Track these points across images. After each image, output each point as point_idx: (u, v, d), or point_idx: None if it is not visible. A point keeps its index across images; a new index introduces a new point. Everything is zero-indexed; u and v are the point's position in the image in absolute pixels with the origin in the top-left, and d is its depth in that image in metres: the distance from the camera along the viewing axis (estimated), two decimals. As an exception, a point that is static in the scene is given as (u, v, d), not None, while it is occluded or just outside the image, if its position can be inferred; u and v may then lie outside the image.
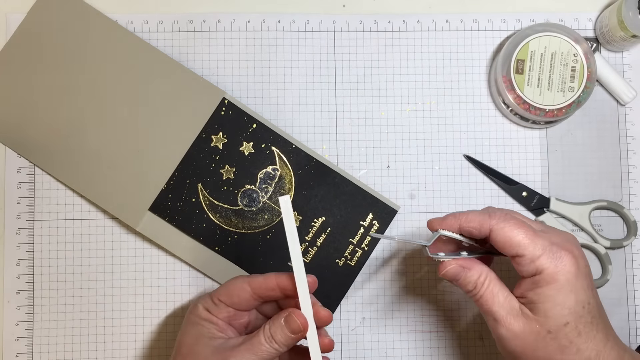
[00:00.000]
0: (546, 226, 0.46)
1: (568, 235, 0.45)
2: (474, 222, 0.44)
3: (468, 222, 0.44)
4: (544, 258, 0.42)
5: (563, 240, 0.43)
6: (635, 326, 0.59)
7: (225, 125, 0.57)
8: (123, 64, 0.58)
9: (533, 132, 0.60)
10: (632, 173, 0.60)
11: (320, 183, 0.57)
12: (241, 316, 0.48)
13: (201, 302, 0.47)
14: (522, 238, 0.42)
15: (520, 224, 0.43)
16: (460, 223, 0.45)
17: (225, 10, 0.60)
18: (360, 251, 0.57)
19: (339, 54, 0.60)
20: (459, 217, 0.45)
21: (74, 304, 0.57)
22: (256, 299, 0.46)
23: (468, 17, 0.61)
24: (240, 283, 0.46)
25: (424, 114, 0.60)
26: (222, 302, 0.46)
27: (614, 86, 0.59)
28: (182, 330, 0.47)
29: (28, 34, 0.58)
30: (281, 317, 0.44)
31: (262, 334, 0.44)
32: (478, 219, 0.44)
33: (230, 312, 0.47)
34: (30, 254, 0.57)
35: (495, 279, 0.45)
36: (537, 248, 0.42)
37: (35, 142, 0.57)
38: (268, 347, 0.43)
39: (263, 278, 0.46)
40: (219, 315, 0.46)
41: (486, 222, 0.44)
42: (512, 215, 0.44)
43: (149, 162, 0.57)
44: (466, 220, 0.45)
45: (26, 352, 0.56)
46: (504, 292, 0.44)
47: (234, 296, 0.46)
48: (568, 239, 0.44)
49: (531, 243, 0.42)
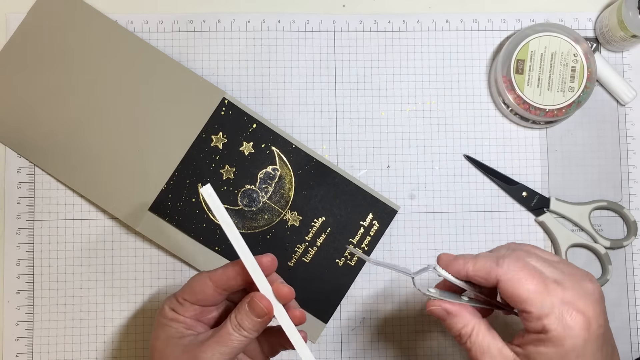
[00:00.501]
0: (565, 269, 0.41)
1: (587, 286, 0.40)
2: (482, 271, 0.40)
3: (476, 271, 0.41)
4: (551, 318, 0.38)
5: (578, 296, 0.39)
6: (635, 326, 0.59)
7: (225, 125, 0.57)
8: (123, 64, 0.58)
9: (533, 132, 0.60)
10: (632, 173, 0.60)
11: (320, 183, 0.57)
12: (209, 311, 0.46)
13: (167, 303, 0.46)
14: (530, 293, 0.38)
15: (531, 275, 0.39)
16: (467, 271, 0.41)
17: (225, 10, 0.60)
18: (360, 251, 0.57)
19: (339, 54, 0.60)
20: (468, 263, 0.41)
21: (74, 304, 0.57)
22: (220, 292, 0.45)
23: (468, 17, 0.61)
24: (202, 279, 0.45)
25: (424, 114, 0.60)
26: (187, 300, 0.45)
27: (614, 86, 0.59)
28: (153, 334, 0.46)
29: (28, 34, 0.58)
30: (245, 304, 0.43)
31: (229, 324, 0.43)
32: (486, 268, 0.40)
33: (196, 309, 0.45)
34: (30, 254, 0.57)
35: (485, 330, 0.41)
36: (545, 306, 0.38)
37: (35, 142, 0.57)
38: (237, 336, 0.42)
39: (222, 270, 0.44)
40: (186, 314, 0.45)
41: (494, 270, 0.40)
42: (524, 262, 0.40)
43: (149, 162, 0.57)
44: (474, 269, 0.41)
45: (26, 352, 0.56)
46: (496, 344, 0.41)
47: (198, 293, 0.45)
48: (585, 293, 0.39)
49: (539, 299, 0.38)
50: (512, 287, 0.39)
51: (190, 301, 0.45)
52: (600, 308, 0.39)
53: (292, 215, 0.57)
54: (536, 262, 0.40)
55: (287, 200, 0.57)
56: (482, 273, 0.40)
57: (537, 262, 0.40)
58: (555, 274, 0.40)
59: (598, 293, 0.40)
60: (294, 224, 0.57)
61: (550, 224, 0.58)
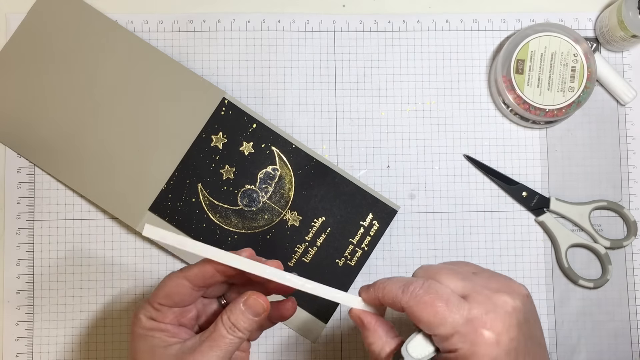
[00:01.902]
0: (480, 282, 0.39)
1: (500, 300, 0.38)
2: (389, 299, 0.40)
3: (385, 300, 0.40)
4: (456, 337, 0.37)
5: (486, 311, 0.37)
6: (636, 326, 0.59)
7: (225, 125, 0.57)
8: (123, 64, 0.58)
9: (533, 132, 0.60)
10: (632, 173, 0.60)
11: (320, 183, 0.57)
12: (188, 311, 0.45)
13: (142, 313, 0.43)
14: (432, 317, 0.37)
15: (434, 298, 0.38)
16: (379, 299, 0.40)
17: (225, 10, 0.60)
18: (360, 251, 0.57)
19: (339, 54, 0.60)
20: (377, 291, 0.40)
21: (74, 304, 0.57)
22: (197, 290, 0.43)
23: (468, 17, 0.61)
24: (176, 280, 0.43)
25: (424, 114, 0.60)
26: (163, 305, 0.43)
27: (614, 86, 0.59)
28: (133, 347, 0.43)
29: (28, 34, 0.58)
30: (239, 303, 0.42)
31: (222, 326, 0.41)
32: (392, 296, 0.39)
33: (175, 312, 0.43)
34: (30, 254, 0.57)
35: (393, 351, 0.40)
36: (448, 327, 0.37)
37: (35, 142, 0.57)
38: (232, 338, 0.41)
39: (198, 268, 0.43)
40: (165, 320, 0.43)
41: (398, 298, 0.39)
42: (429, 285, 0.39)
43: (149, 162, 0.57)
44: (382, 297, 0.40)
45: (26, 352, 0.56)
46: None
47: (174, 295, 0.43)
48: (495, 307, 0.38)
49: (441, 322, 0.37)
50: (415, 313, 0.38)
51: (167, 305, 0.43)
52: (511, 321, 0.37)
53: (292, 215, 0.57)
54: (447, 280, 0.39)
55: (287, 200, 0.57)
56: (389, 301, 0.40)
57: (448, 279, 0.39)
58: (467, 289, 0.39)
59: (511, 306, 0.38)
60: (294, 224, 0.57)
61: (550, 224, 0.58)
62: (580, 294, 0.59)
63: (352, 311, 0.42)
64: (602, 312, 0.59)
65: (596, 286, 0.58)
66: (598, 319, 0.59)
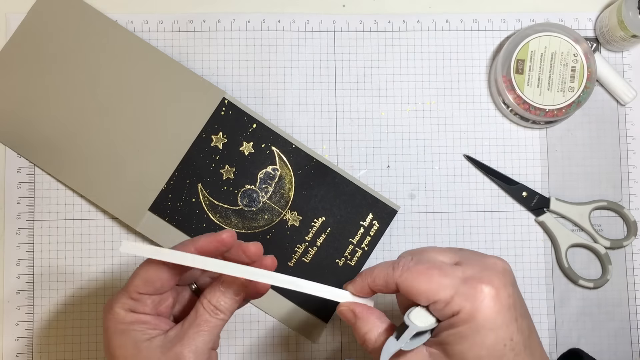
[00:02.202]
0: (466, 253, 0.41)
1: (489, 261, 0.39)
2: (380, 280, 0.40)
3: (375, 283, 0.40)
4: (457, 298, 0.37)
5: (480, 270, 0.38)
6: (636, 326, 0.59)
7: (225, 125, 0.57)
8: (123, 64, 0.58)
9: (533, 132, 0.60)
10: (632, 173, 0.60)
11: (320, 183, 0.57)
12: (166, 299, 0.44)
13: (118, 307, 0.42)
14: (427, 284, 0.38)
15: (426, 268, 0.38)
16: (369, 285, 0.41)
17: (225, 10, 0.60)
18: (360, 251, 0.57)
19: (339, 54, 0.60)
20: (366, 278, 0.41)
21: (74, 303, 0.57)
22: (177, 273, 0.42)
23: (468, 17, 0.61)
24: (154, 266, 0.42)
25: (424, 114, 0.60)
26: (143, 294, 0.42)
27: (614, 86, 0.59)
28: (111, 344, 0.41)
29: (28, 34, 0.58)
30: (218, 285, 0.41)
31: (204, 311, 0.41)
32: (383, 275, 0.40)
33: (154, 300, 0.42)
34: (30, 254, 0.57)
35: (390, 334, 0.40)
36: (447, 290, 0.37)
37: (35, 142, 0.57)
38: (216, 321, 0.41)
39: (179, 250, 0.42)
40: (145, 310, 0.42)
41: (390, 276, 0.39)
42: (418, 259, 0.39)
43: (149, 162, 0.57)
44: (372, 280, 0.40)
45: (26, 352, 0.56)
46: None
47: (155, 281, 0.41)
48: (487, 266, 0.39)
49: (439, 287, 0.37)
50: (410, 285, 0.38)
51: (147, 293, 0.42)
52: (506, 279, 0.38)
53: (292, 215, 0.57)
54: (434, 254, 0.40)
55: (287, 200, 0.57)
56: (381, 282, 0.40)
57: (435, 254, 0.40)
58: (455, 258, 0.40)
59: (501, 266, 0.39)
60: (294, 224, 0.57)
61: (550, 224, 0.58)
62: (580, 294, 0.59)
63: (343, 305, 0.42)
64: (602, 312, 0.59)
65: (596, 286, 0.58)
66: (598, 319, 0.59)
